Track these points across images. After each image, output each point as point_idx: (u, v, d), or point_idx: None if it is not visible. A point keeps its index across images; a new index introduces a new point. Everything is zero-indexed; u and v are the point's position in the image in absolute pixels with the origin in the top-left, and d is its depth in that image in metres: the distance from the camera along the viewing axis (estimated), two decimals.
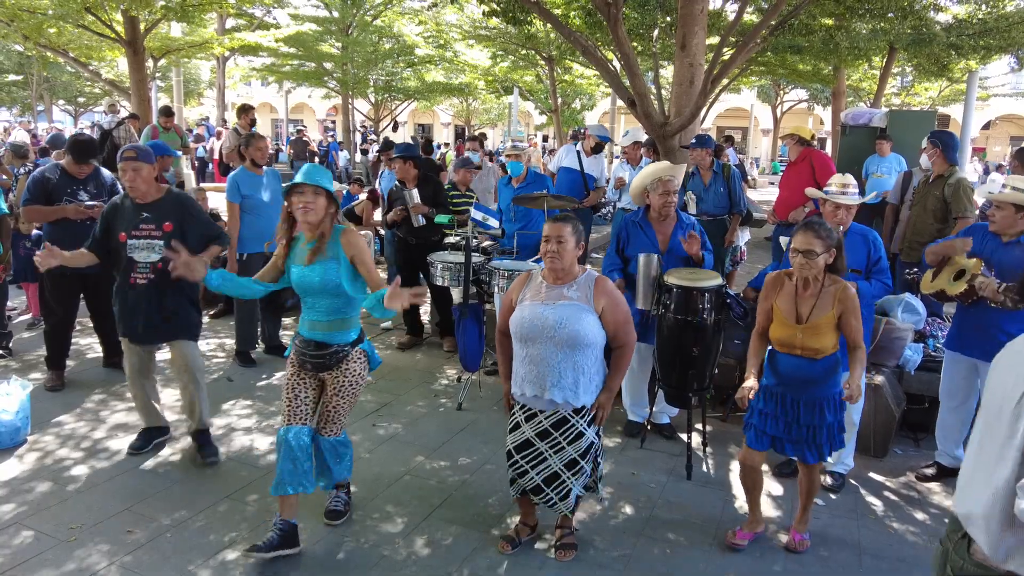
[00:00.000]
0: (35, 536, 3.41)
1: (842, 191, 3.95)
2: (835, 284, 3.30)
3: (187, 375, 4.17)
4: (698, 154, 6.45)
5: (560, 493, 3.25)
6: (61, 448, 4.30)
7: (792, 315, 3.33)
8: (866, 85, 21.83)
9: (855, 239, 3.97)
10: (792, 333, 3.31)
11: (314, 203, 3.18)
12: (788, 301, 3.36)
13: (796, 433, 3.35)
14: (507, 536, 3.48)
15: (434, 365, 5.99)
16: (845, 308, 3.25)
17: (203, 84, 33.36)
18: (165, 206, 4.04)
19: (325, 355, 3.30)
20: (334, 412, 3.41)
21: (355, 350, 3.37)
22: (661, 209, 4.42)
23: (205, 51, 14.78)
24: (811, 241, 3.21)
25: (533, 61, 19.00)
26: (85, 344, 6.05)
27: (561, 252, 3.14)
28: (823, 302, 3.29)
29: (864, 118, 10.17)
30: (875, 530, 3.74)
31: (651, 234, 4.50)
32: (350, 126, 23.92)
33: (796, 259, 3.25)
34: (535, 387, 3.17)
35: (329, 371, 3.35)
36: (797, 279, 3.33)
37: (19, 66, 26.11)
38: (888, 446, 4.57)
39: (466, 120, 35.77)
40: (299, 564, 3.28)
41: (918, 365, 4.81)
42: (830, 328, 3.27)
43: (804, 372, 3.31)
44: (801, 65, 15.85)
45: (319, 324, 3.31)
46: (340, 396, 3.38)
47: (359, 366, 3.39)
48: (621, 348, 3.21)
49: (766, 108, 34.08)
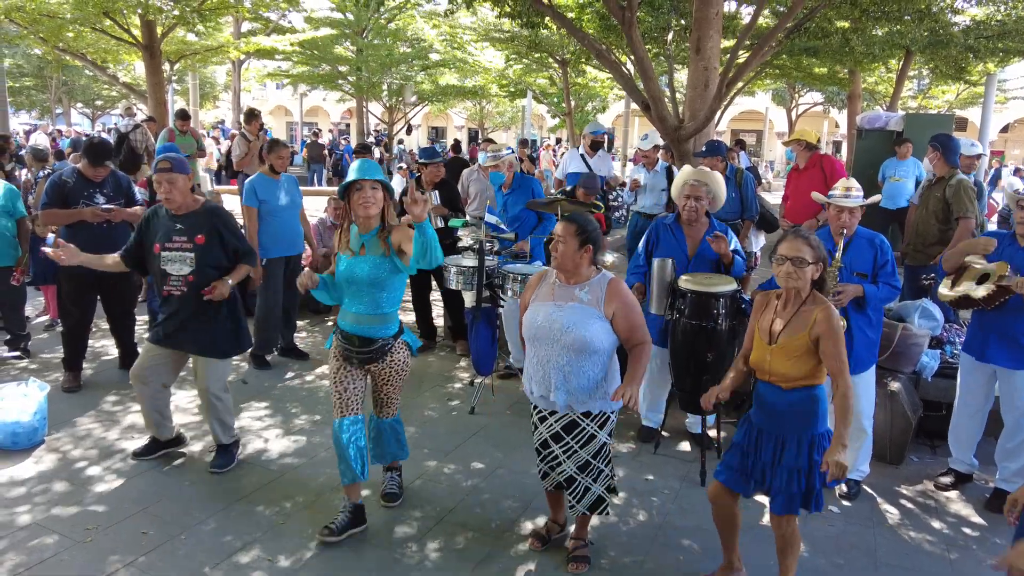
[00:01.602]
0: (52, 537, 3.44)
1: (845, 194, 3.93)
2: (816, 304, 2.90)
3: (203, 396, 4.14)
4: (709, 162, 6.43)
5: (577, 495, 3.25)
6: (77, 449, 4.34)
7: (766, 334, 2.99)
8: (882, 88, 21.68)
9: (861, 243, 3.94)
10: (763, 355, 2.98)
11: (373, 197, 3.33)
12: (767, 319, 3.03)
13: (759, 473, 2.99)
14: (537, 533, 3.51)
15: (447, 368, 5.99)
16: (822, 332, 2.82)
17: (219, 87, 33.61)
18: (199, 218, 3.99)
19: (372, 350, 3.47)
20: (387, 398, 3.65)
21: (398, 342, 3.55)
22: (688, 215, 4.40)
23: (221, 55, 14.92)
24: (800, 248, 2.88)
25: (547, 64, 19.01)
26: (101, 346, 6.10)
27: (561, 251, 3.13)
28: (798, 322, 2.90)
29: (880, 122, 10.10)
30: (891, 539, 3.70)
31: (680, 238, 4.48)
32: (364, 129, 24.02)
33: (783, 267, 2.89)
34: (541, 387, 3.18)
35: (375, 363, 3.52)
36: (783, 295, 3.00)
37: (38, 69, 26.41)
38: (904, 453, 4.53)
39: (479, 123, 35.85)
40: (314, 567, 3.29)
41: (935, 372, 4.76)
42: (802, 353, 2.87)
43: (771, 400, 2.95)
44: (817, 68, 15.77)
45: (363, 318, 3.42)
46: (389, 384, 3.61)
47: (403, 355, 3.59)
48: (639, 346, 3.17)
49: (781, 111, 33.89)
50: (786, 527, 2.98)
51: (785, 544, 3.01)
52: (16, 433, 4.27)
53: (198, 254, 3.95)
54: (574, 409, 3.16)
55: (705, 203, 4.41)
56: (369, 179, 3.31)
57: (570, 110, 19.44)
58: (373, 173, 3.35)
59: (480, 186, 7.01)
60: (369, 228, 3.41)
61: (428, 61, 21.21)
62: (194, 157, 9.48)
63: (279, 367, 5.86)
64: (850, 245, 3.94)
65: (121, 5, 10.53)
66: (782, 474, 2.92)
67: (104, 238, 5.10)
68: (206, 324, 4.03)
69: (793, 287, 2.92)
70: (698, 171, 4.49)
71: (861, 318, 3.94)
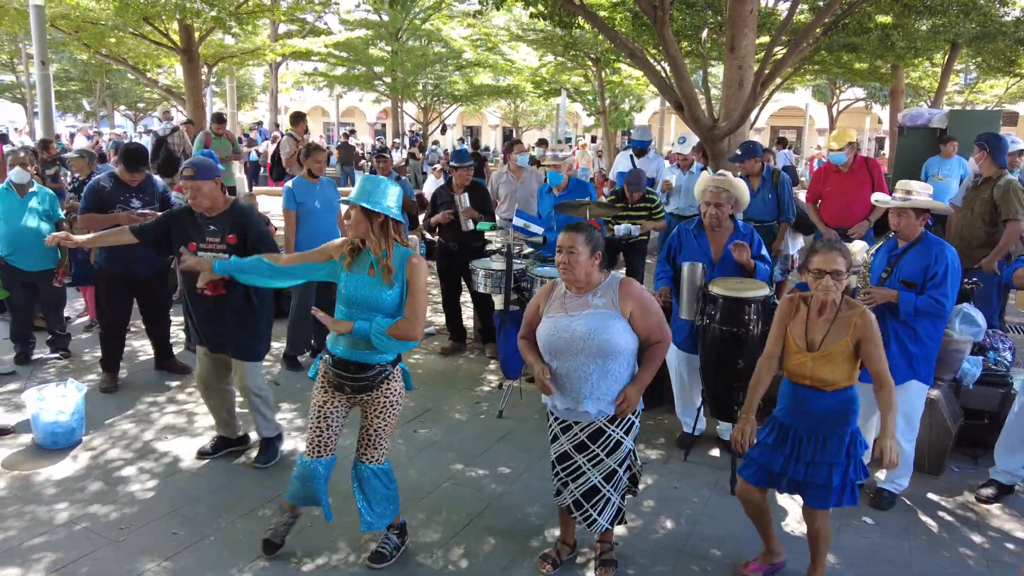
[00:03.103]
0: (86, 535, 3.52)
1: (905, 197, 3.83)
2: (852, 309, 3.03)
3: (245, 394, 4.24)
4: (746, 165, 6.32)
5: (599, 507, 3.19)
6: (113, 449, 4.43)
7: (804, 342, 3.07)
8: (926, 83, 21.11)
9: (920, 250, 3.81)
10: (803, 361, 3.05)
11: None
12: (800, 327, 3.10)
13: (794, 471, 3.06)
14: (547, 556, 3.40)
15: (476, 371, 5.99)
16: (863, 336, 2.97)
17: (257, 89, 34.14)
18: (229, 218, 4.05)
19: (368, 377, 3.17)
20: (375, 435, 3.24)
21: (395, 369, 3.29)
22: (710, 223, 4.34)
23: (257, 58, 15.13)
24: (837, 260, 2.95)
25: (581, 62, 18.91)
26: (139, 346, 6.22)
27: (573, 263, 3.04)
28: (838, 328, 3.01)
29: (922, 119, 9.81)
30: (928, 553, 3.59)
31: (703, 243, 4.42)
32: (399, 130, 24.20)
33: (821, 281, 2.96)
34: (568, 400, 3.11)
35: (369, 392, 3.23)
36: (814, 303, 3.08)
37: (83, 74, 27.13)
38: (944, 463, 4.39)
39: (514, 122, 35.83)
40: (340, 570, 3.30)
41: (977, 379, 4.61)
42: (845, 358, 3.00)
43: (812, 404, 3.05)
44: (857, 64, 15.41)
45: (360, 342, 3.12)
46: (381, 417, 3.24)
47: (399, 385, 3.30)
48: (656, 345, 3.13)
49: (821, 107, 33.24)
50: (821, 521, 3.10)
51: (819, 537, 3.13)
52: (55, 433, 4.38)
53: (231, 254, 3.99)
54: (604, 414, 3.11)
55: (727, 208, 4.33)
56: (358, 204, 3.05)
57: (604, 108, 19.30)
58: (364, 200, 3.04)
59: (510, 188, 6.99)
60: (379, 250, 3.12)
61: (462, 61, 21.27)
62: (229, 160, 9.64)
63: (307, 364, 5.91)
64: (909, 251, 3.83)
65: (160, 10, 10.76)
66: (822, 470, 3.01)
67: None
68: (239, 326, 4.09)
69: (833, 298, 3.00)
70: (715, 178, 4.41)
71: (900, 328, 3.83)
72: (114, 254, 5.19)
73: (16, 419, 4.73)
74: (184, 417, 4.92)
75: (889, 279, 3.84)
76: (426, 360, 6.19)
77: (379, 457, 3.26)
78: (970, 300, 5.03)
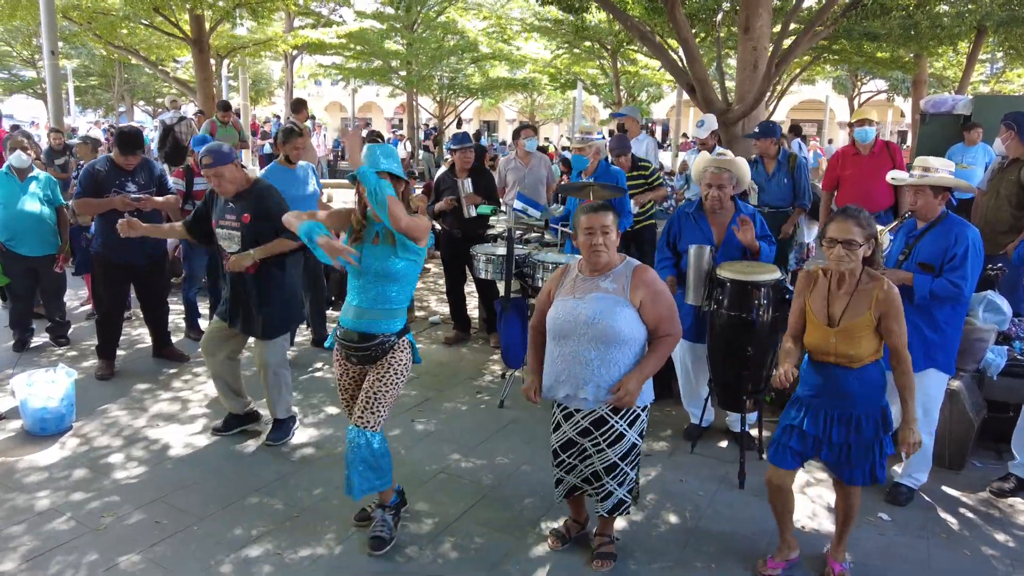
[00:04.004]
0: (67, 522, 3.42)
1: (923, 174, 3.60)
2: (873, 282, 2.88)
3: (263, 371, 4.23)
4: (762, 144, 6.10)
5: (600, 494, 3.09)
6: (103, 436, 4.33)
7: (824, 316, 2.93)
8: (951, 73, 20.60)
9: (941, 231, 3.57)
10: (825, 338, 2.91)
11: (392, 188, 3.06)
12: (820, 301, 2.96)
13: (827, 453, 2.97)
14: (557, 532, 3.34)
15: (480, 361, 5.83)
16: (885, 311, 2.83)
17: (274, 84, 34.20)
18: (247, 198, 4.07)
19: (371, 346, 3.19)
20: (373, 399, 3.16)
21: (401, 340, 3.26)
22: (711, 205, 4.14)
23: (270, 49, 15.08)
24: (851, 229, 2.80)
25: (598, 54, 18.67)
26: (137, 335, 6.14)
27: (607, 243, 2.94)
28: (859, 302, 2.87)
29: (946, 106, 9.50)
30: (947, 551, 3.38)
31: (704, 226, 4.21)
32: (415, 123, 24.07)
33: (833, 250, 2.83)
34: (568, 386, 2.99)
35: (374, 363, 3.24)
36: (831, 275, 2.94)
37: (102, 69, 27.29)
38: (966, 458, 4.17)
39: (531, 116, 35.58)
40: (324, 563, 3.17)
41: (1002, 369, 4.38)
42: (868, 332, 2.86)
43: (839, 383, 2.91)
44: (879, 53, 15.03)
45: (366, 312, 3.18)
46: (382, 381, 3.18)
47: (404, 356, 3.28)
48: (665, 337, 2.98)
49: (842, 100, 32.69)
50: (856, 496, 3.03)
51: (852, 512, 3.06)
52: (44, 419, 4.29)
53: (244, 232, 4.02)
54: (604, 403, 2.97)
55: (729, 190, 4.13)
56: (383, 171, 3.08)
57: (620, 100, 19.05)
58: (384, 163, 3.09)
59: (518, 175, 6.81)
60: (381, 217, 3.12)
61: (478, 53, 21.08)
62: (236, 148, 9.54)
63: (308, 357, 5.79)
64: (928, 232, 3.61)
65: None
66: (860, 450, 2.92)
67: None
68: (263, 302, 4.09)
69: (846, 269, 2.85)
70: (715, 159, 4.21)
71: (916, 314, 3.61)
72: (110, 241, 5.09)
73: (9, 405, 4.65)
74: (178, 405, 4.82)
75: (906, 262, 3.63)
76: (429, 350, 6.05)
77: (373, 423, 3.16)
78: (995, 287, 4.80)
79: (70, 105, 24.95)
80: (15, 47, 25.40)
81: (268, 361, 4.18)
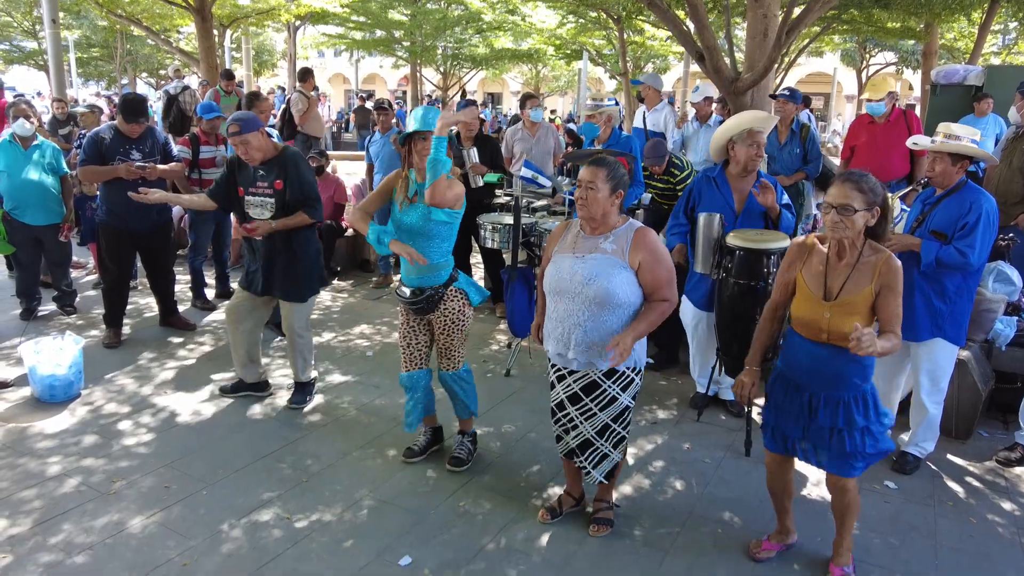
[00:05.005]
0: (78, 487, 3.44)
1: (945, 140, 3.53)
2: (877, 254, 2.64)
3: (288, 334, 4.34)
4: (789, 108, 5.99)
5: (593, 460, 3.08)
6: (111, 403, 4.35)
7: (820, 289, 2.69)
8: (962, 44, 20.28)
9: (956, 200, 3.51)
10: (819, 312, 2.67)
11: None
12: (816, 272, 2.72)
13: (816, 438, 2.76)
14: (549, 506, 3.33)
15: (486, 331, 5.83)
16: (886, 283, 2.59)
17: (277, 55, 33.90)
18: (277, 165, 4.09)
19: (422, 300, 3.47)
20: (447, 349, 3.59)
21: (449, 290, 3.51)
22: (747, 164, 3.99)
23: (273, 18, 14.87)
24: (848, 194, 2.57)
25: (604, 23, 18.40)
26: (144, 304, 6.14)
27: (591, 199, 2.85)
28: (860, 275, 2.63)
29: (958, 76, 9.35)
30: (954, 520, 3.39)
31: (727, 191, 4.09)
32: (419, 95, 23.86)
33: (828, 215, 2.60)
34: (560, 345, 2.98)
35: (431, 313, 3.53)
36: (830, 244, 2.71)
37: (104, 40, 27.02)
38: (973, 428, 4.17)
39: (535, 88, 35.23)
40: (331, 528, 3.19)
41: (1011, 340, 4.36)
42: (866, 308, 2.62)
43: (828, 364, 2.68)
44: (890, 23, 14.78)
45: (413, 268, 3.45)
46: (447, 334, 3.55)
47: (458, 303, 3.54)
48: (660, 302, 2.91)
49: (850, 73, 32.29)
50: (852, 491, 2.82)
51: (849, 508, 2.86)
52: (53, 386, 4.30)
53: (278, 199, 4.07)
54: (594, 366, 2.95)
55: (764, 152, 4.05)
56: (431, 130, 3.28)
57: (626, 70, 18.81)
58: (434, 123, 3.29)
59: (525, 145, 6.74)
60: (425, 178, 3.33)
61: (482, 24, 20.80)
62: None
63: (316, 326, 5.79)
64: (943, 200, 3.56)
65: None
66: (852, 437, 2.71)
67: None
68: (288, 268, 4.15)
69: (842, 237, 2.62)
70: (759, 116, 4.08)
71: (926, 282, 3.58)
72: (115, 209, 5.08)
73: (17, 373, 4.66)
74: (185, 373, 4.83)
75: (920, 229, 3.59)
76: None
77: (455, 364, 3.62)
78: (1006, 258, 4.76)
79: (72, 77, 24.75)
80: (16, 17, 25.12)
81: (293, 324, 4.27)
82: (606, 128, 5.39)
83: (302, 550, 3.04)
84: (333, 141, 19.29)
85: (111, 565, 2.90)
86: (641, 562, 3.03)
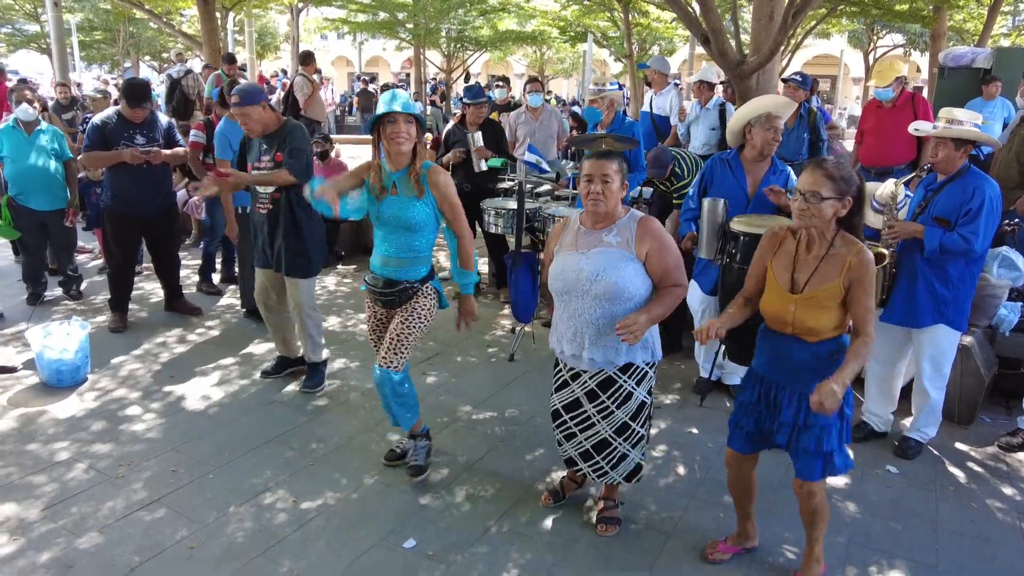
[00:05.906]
0: (86, 472, 3.47)
1: (947, 125, 3.51)
2: (848, 246, 2.50)
3: (297, 313, 4.33)
4: (800, 95, 5.95)
5: (611, 460, 3.01)
6: (118, 388, 4.38)
7: (787, 282, 2.58)
8: (971, 26, 20.07)
9: (959, 185, 3.49)
10: (784, 305, 2.55)
11: (407, 132, 3.11)
12: (785, 264, 2.61)
13: (781, 435, 2.64)
14: (551, 489, 3.33)
15: (490, 316, 5.85)
16: (856, 277, 2.46)
17: (280, 38, 33.74)
18: (279, 137, 4.09)
19: (395, 292, 3.30)
20: (396, 340, 3.27)
21: (424, 286, 3.34)
22: (763, 148, 3.97)
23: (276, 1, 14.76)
24: (818, 180, 2.43)
25: (608, 5, 18.24)
26: (150, 288, 6.17)
27: (606, 193, 2.79)
28: (828, 268, 2.50)
29: (966, 58, 9.25)
30: (955, 504, 3.41)
31: (740, 175, 4.07)
32: (423, 78, 23.76)
33: (795, 202, 2.49)
34: (573, 345, 2.91)
35: (399, 307, 3.34)
36: (800, 235, 2.58)
37: (107, 24, 26.91)
38: (975, 413, 4.18)
39: (540, 70, 35.00)
40: (336, 511, 3.22)
41: (1014, 326, 4.35)
42: (833, 303, 2.50)
43: (792, 356, 2.58)
44: (898, 5, 14.63)
45: (391, 260, 3.29)
46: (405, 324, 3.29)
47: (429, 301, 3.36)
48: (671, 288, 2.86)
49: (857, 55, 31.98)
50: (819, 495, 2.65)
51: (817, 513, 2.69)
52: (60, 371, 4.34)
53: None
54: (611, 363, 2.91)
55: (780, 137, 4.01)
56: (403, 112, 3.08)
57: (631, 52, 18.68)
58: (407, 106, 3.10)
59: (528, 129, 6.72)
60: (400, 166, 3.19)
61: (486, 5, 20.65)
62: None
63: (320, 310, 5.79)
64: (946, 186, 3.55)
65: None
66: (811, 435, 2.57)
67: (145, 179, 5.10)
68: (290, 243, 4.14)
69: (809, 226, 2.50)
70: (778, 101, 4.04)
71: (929, 268, 3.57)
72: (120, 194, 5.10)
73: (24, 358, 4.70)
74: (191, 356, 4.86)
75: (922, 215, 3.58)
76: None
77: (396, 364, 3.27)
78: (1011, 243, 4.74)
79: (75, 60, 24.67)
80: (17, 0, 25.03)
81: (301, 301, 4.27)
82: (609, 112, 5.37)
83: (308, 533, 3.07)
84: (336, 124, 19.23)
85: (119, 548, 2.94)
86: (643, 545, 3.05)
